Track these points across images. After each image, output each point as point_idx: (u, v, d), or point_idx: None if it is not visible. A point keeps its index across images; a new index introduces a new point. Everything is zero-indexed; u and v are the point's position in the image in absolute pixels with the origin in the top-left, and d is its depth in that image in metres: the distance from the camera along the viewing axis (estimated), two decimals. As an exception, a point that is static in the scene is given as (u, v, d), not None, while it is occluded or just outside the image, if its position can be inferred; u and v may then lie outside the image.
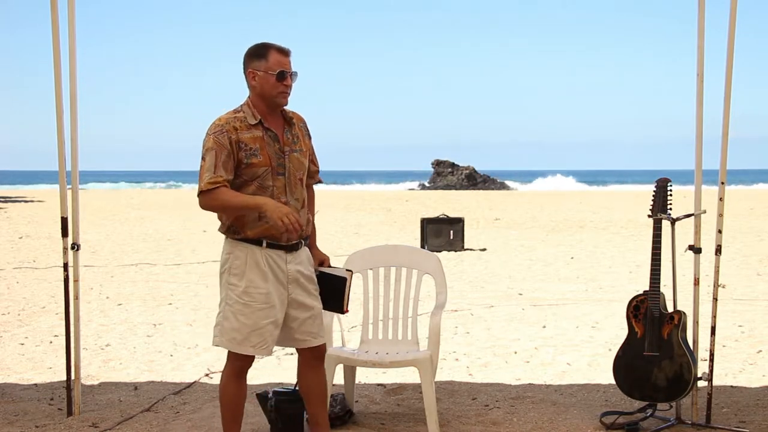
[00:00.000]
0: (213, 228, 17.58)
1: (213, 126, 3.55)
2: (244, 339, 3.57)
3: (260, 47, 3.61)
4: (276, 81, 3.56)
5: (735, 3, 4.18)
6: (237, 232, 3.58)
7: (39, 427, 4.42)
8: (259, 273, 3.56)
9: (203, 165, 3.50)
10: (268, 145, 3.57)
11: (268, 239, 3.57)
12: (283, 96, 3.61)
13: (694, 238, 4.40)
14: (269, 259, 3.58)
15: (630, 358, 4.37)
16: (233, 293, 3.57)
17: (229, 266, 3.60)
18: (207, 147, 3.51)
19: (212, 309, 8.44)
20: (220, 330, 3.62)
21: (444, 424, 4.41)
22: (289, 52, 3.63)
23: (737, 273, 10.79)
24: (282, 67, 3.57)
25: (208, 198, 3.49)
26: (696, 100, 4.32)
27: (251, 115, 3.58)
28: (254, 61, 3.60)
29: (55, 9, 4.39)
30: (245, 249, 3.57)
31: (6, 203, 29.79)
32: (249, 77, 3.61)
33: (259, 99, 3.61)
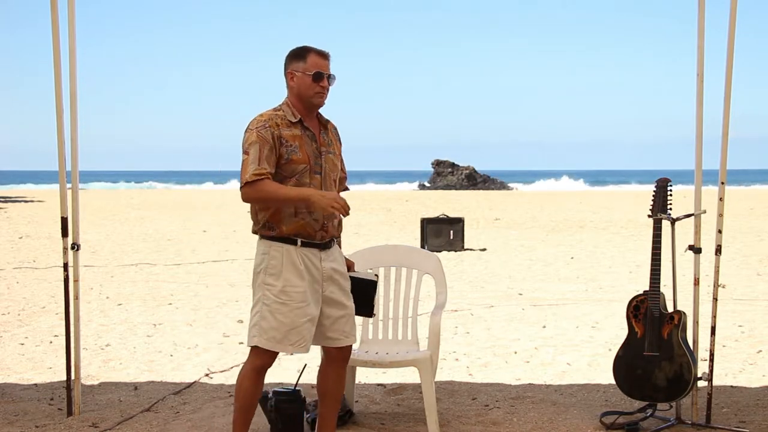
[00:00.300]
0: (213, 228, 17.47)
1: (255, 121, 3.61)
2: (283, 338, 3.60)
3: (300, 49, 3.71)
4: (312, 82, 3.65)
5: (735, 3, 4.18)
6: (272, 228, 3.61)
7: (39, 427, 4.42)
8: (295, 272, 3.60)
9: (246, 158, 3.55)
10: (306, 143, 3.65)
11: (303, 237, 3.62)
12: (319, 96, 3.69)
13: (694, 238, 4.40)
14: (305, 257, 3.62)
15: (630, 358, 4.37)
16: (270, 293, 3.60)
17: (265, 266, 3.62)
18: (250, 141, 3.56)
19: (212, 309, 8.46)
20: (258, 330, 3.62)
21: (444, 424, 4.41)
22: (328, 56, 3.72)
23: (737, 273, 10.79)
24: (319, 68, 3.66)
25: (252, 189, 3.52)
26: (696, 100, 4.32)
27: (291, 114, 3.66)
28: (294, 62, 3.70)
29: (55, 9, 4.39)
30: (281, 248, 3.61)
31: (6, 203, 29.80)
32: (288, 77, 3.71)
33: (297, 99, 3.70)
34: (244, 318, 7.94)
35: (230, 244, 15.31)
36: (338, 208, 3.49)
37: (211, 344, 6.78)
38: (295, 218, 3.60)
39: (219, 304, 8.82)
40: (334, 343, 3.77)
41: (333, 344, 3.77)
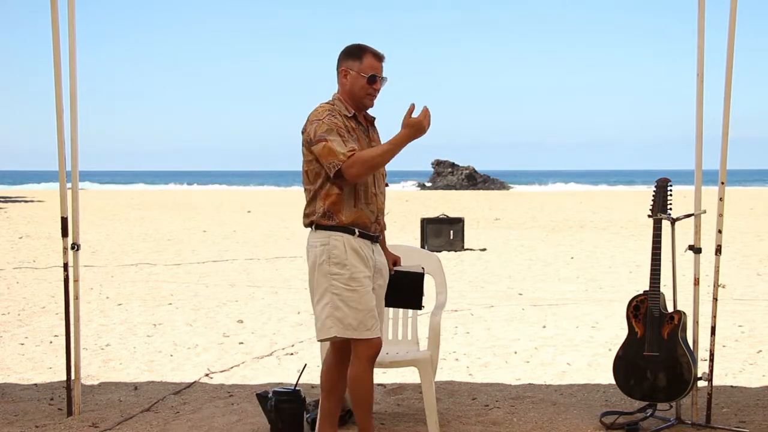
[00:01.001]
0: (213, 228, 17.46)
1: (319, 112, 3.65)
2: (360, 323, 3.62)
3: (357, 48, 3.73)
4: (366, 83, 3.69)
5: (735, 3, 4.18)
6: (332, 217, 3.64)
7: (39, 427, 4.42)
8: (359, 258, 3.64)
9: (327, 144, 3.56)
10: (361, 137, 3.71)
11: (360, 228, 3.66)
12: (370, 98, 3.74)
13: (694, 238, 4.39)
14: (362, 247, 3.66)
15: (630, 358, 4.37)
16: (338, 282, 3.62)
17: (327, 257, 3.63)
18: (325, 129, 3.59)
19: (212, 309, 8.46)
20: (333, 320, 3.63)
21: (444, 424, 4.41)
22: (383, 58, 3.75)
23: (737, 273, 10.79)
24: (374, 71, 3.70)
25: (351, 165, 3.53)
26: (696, 100, 4.32)
27: (345, 108, 3.71)
28: (349, 60, 3.72)
29: (55, 9, 4.39)
30: (341, 237, 3.63)
31: (6, 203, 29.80)
32: (341, 74, 3.74)
33: (348, 97, 3.74)
34: (244, 318, 7.94)
35: (230, 244, 15.31)
36: (428, 117, 3.55)
37: (211, 344, 6.78)
38: (354, 208, 3.64)
39: (219, 304, 8.82)
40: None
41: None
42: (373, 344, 3.69)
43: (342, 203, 3.63)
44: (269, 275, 11.14)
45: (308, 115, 3.71)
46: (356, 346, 3.69)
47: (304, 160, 3.71)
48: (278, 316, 8.04)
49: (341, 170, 3.55)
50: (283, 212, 24.97)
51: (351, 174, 3.56)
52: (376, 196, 3.74)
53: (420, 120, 3.53)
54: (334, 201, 3.63)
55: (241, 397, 5.01)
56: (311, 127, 3.63)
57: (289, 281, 10.56)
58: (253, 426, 4.42)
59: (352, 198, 3.65)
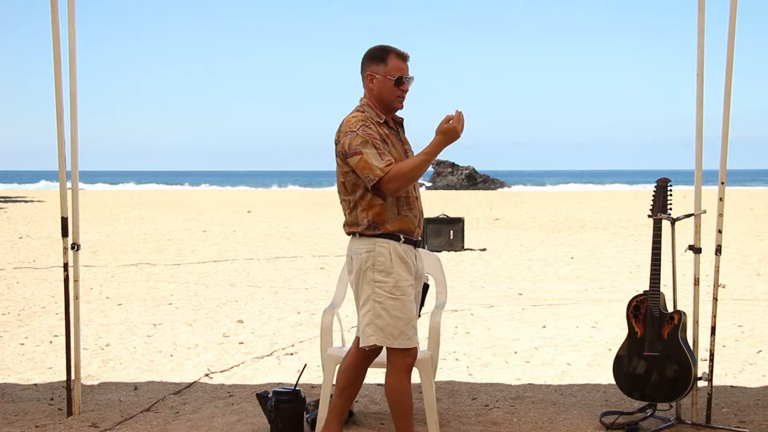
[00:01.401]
0: (213, 228, 17.45)
1: (351, 123, 3.57)
2: (401, 333, 3.59)
3: (380, 51, 3.65)
4: (394, 86, 3.61)
5: (735, 3, 4.18)
6: (377, 228, 3.59)
7: (39, 427, 4.42)
8: (404, 266, 3.60)
9: (362, 158, 3.50)
10: (395, 142, 3.66)
11: (405, 234, 3.62)
12: (399, 101, 3.66)
13: (694, 238, 4.39)
14: (407, 253, 3.63)
15: (630, 358, 4.37)
16: (382, 290, 3.58)
17: (372, 263, 3.59)
18: (360, 141, 3.52)
19: (212, 309, 8.46)
20: (373, 328, 3.60)
21: (444, 424, 4.41)
22: (408, 57, 3.67)
23: (737, 273, 10.79)
24: (400, 72, 3.62)
25: (390, 180, 3.49)
26: (696, 100, 4.32)
27: (376, 115, 3.64)
28: (373, 64, 3.64)
29: (55, 9, 4.39)
30: (387, 244, 3.59)
31: (6, 203, 29.79)
32: (367, 79, 3.66)
33: (377, 101, 3.66)
34: (244, 318, 7.95)
35: (230, 244, 15.31)
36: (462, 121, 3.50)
37: (211, 344, 6.78)
38: (399, 216, 3.60)
39: (219, 304, 8.82)
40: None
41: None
42: (412, 354, 3.66)
43: (386, 213, 3.58)
44: (269, 275, 11.14)
45: (340, 125, 3.63)
46: (393, 355, 3.65)
47: (339, 171, 3.64)
48: (278, 316, 8.04)
49: (379, 185, 3.50)
50: (283, 212, 24.97)
51: (390, 188, 3.51)
52: (417, 200, 3.69)
53: (454, 126, 3.48)
54: (378, 212, 3.58)
55: (241, 397, 5.01)
56: (345, 139, 3.55)
57: (289, 281, 10.56)
58: (253, 426, 4.42)
59: (395, 206, 3.59)
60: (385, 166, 3.48)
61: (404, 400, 3.68)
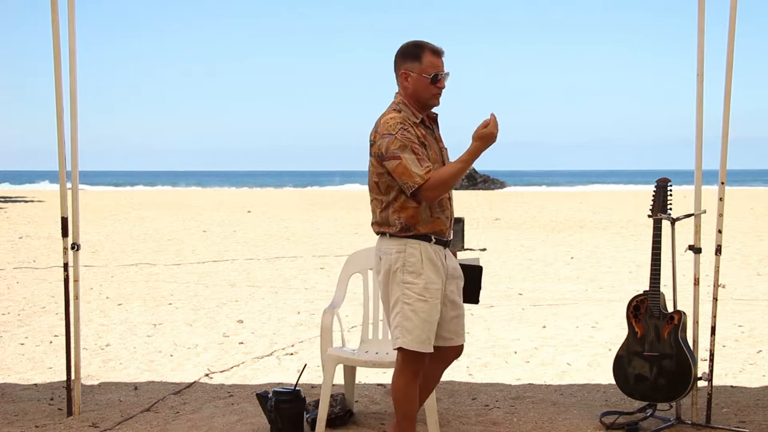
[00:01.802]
0: (213, 228, 17.38)
1: (389, 125, 3.49)
2: (427, 337, 3.54)
3: (414, 47, 3.56)
4: (430, 84, 3.54)
5: (735, 3, 4.18)
6: (409, 230, 3.54)
7: (39, 427, 4.42)
8: (433, 268, 3.55)
9: (401, 164, 3.44)
10: (432, 141, 3.60)
11: (436, 235, 3.57)
12: (435, 98, 3.59)
13: (694, 238, 4.39)
14: (438, 254, 3.57)
15: (630, 358, 4.37)
16: (412, 291, 3.52)
17: (402, 264, 3.53)
18: (399, 145, 3.45)
19: (212, 309, 8.46)
20: (401, 331, 3.53)
21: (444, 424, 4.41)
22: (443, 53, 3.59)
23: (737, 273, 10.79)
24: (436, 69, 3.54)
25: (429, 188, 3.45)
26: (696, 100, 4.32)
27: (412, 114, 3.57)
28: (407, 61, 3.56)
29: (55, 9, 4.39)
30: (417, 245, 3.53)
31: (6, 203, 29.79)
32: (401, 78, 3.58)
33: (412, 99, 3.59)
34: (244, 318, 7.95)
35: (230, 244, 15.31)
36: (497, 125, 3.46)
37: (211, 344, 6.79)
38: (432, 218, 3.55)
39: (219, 304, 8.82)
40: (447, 343, 3.69)
41: (446, 344, 3.69)
42: (425, 359, 3.62)
43: (419, 215, 3.52)
44: (269, 275, 11.14)
45: (376, 124, 3.56)
46: (407, 357, 3.58)
47: (374, 171, 3.57)
48: (278, 316, 8.04)
49: (418, 192, 3.46)
50: (283, 212, 24.97)
51: (428, 197, 3.47)
52: (449, 201, 3.65)
53: (491, 131, 3.44)
54: (411, 214, 3.52)
55: (241, 397, 5.01)
56: (383, 141, 3.48)
57: (289, 281, 10.56)
58: (253, 426, 4.42)
59: (429, 209, 3.54)
60: (424, 173, 3.43)
61: (410, 403, 3.66)
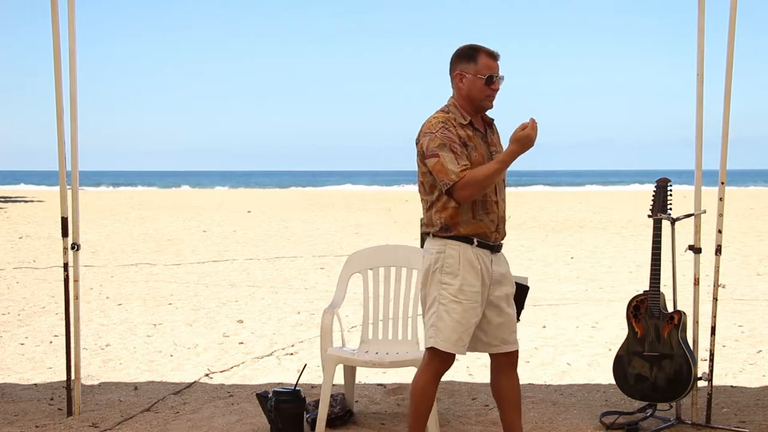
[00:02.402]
0: (213, 228, 17.31)
1: (432, 125, 3.54)
2: (458, 339, 3.53)
3: (470, 49, 3.60)
4: (484, 85, 3.56)
5: (735, 3, 4.18)
6: (449, 230, 3.56)
7: (39, 427, 4.42)
8: (472, 271, 3.54)
9: (439, 161, 3.47)
10: (479, 144, 3.59)
11: (479, 238, 3.56)
12: (489, 100, 3.60)
13: (694, 238, 4.40)
14: (480, 257, 3.56)
15: (630, 358, 4.37)
16: (447, 292, 3.53)
17: (441, 264, 3.56)
18: (438, 143, 3.48)
19: (212, 309, 8.47)
20: (435, 331, 3.55)
21: (444, 424, 4.41)
22: (498, 56, 3.62)
23: (737, 273, 10.79)
24: (491, 71, 3.57)
25: (463, 187, 3.45)
26: (696, 100, 4.32)
27: (461, 116, 3.59)
28: (463, 63, 3.59)
29: (55, 9, 4.39)
30: (457, 247, 3.54)
31: (6, 203, 29.79)
32: (456, 79, 3.61)
33: (465, 101, 3.61)
34: (244, 318, 7.95)
35: (230, 244, 15.31)
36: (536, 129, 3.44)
37: (211, 344, 6.79)
38: (474, 220, 3.54)
39: (219, 304, 8.83)
40: (491, 350, 3.68)
41: (490, 350, 3.69)
42: (450, 361, 3.61)
43: (460, 216, 3.53)
44: (269, 275, 11.14)
45: (422, 125, 3.60)
46: (433, 358, 3.59)
47: (419, 171, 3.62)
48: (278, 316, 8.04)
49: (452, 190, 3.48)
50: (283, 212, 24.98)
51: (462, 196, 3.47)
52: (497, 204, 3.61)
53: (529, 133, 3.43)
54: (451, 214, 3.54)
55: (241, 397, 5.01)
56: (425, 140, 3.53)
57: (289, 281, 10.56)
58: (253, 426, 4.42)
59: (471, 210, 3.54)
60: (460, 171, 3.45)
61: (424, 402, 3.64)
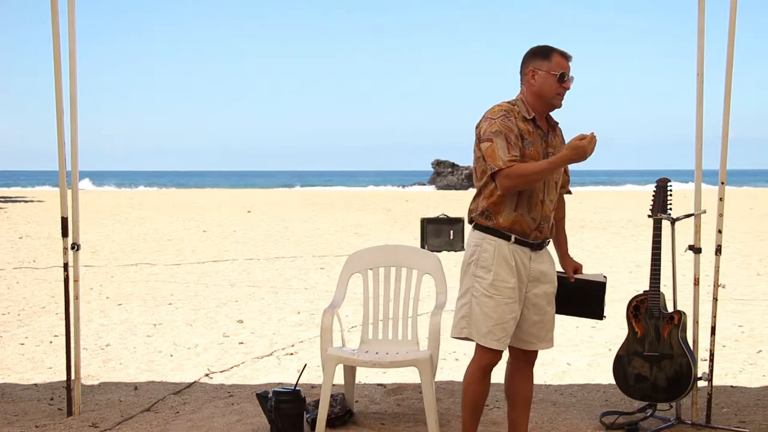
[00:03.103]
0: (213, 228, 17.33)
1: (495, 111, 3.59)
2: (488, 332, 3.58)
3: (545, 48, 3.66)
4: (556, 82, 3.60)
5: (735, 3, 4.18)
6: (489, 218, 3.60)
7: (39, 427, 4.42)
8: (506, 267, 3.58)
9: (492, 145, 3.51)
10: (537, 141, 3.62)
11: (517, 234, 3.59)
12: (559, 98, 3.65)
13: (694, 238, 4.40)
14: (516, 254, 3.60)
15: (630, 358, 4.37)
16: (480, 285, 3.61)
17: (476, 258, 3.63)
18: (494, 129, 3.53)
19: (212, 309, 8.46)
20: (467, 321, 3.63)
21: (444, 424, 4.41)
22: (571, 58, 3.68)
23: (737, 273, 10.78)
24: (563, 69, 3.62)
25: (508, 176, 3.47)
26: (696, 100, 4.32)
27: (525, 110, 3.63)
28: (537, 59, 3.64)
29: (55, 9, 4.39)
30: (494, 242, 3.59)
31: (6, 203, 29.79)
32: (528, 75, 3.65)
33: (535, 98, 3.64)
34: (244, 318, 7.95)
35: (230, 244, 15.31)
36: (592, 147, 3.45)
37: (211, 344, 6.79)
38: (514, 213, 3.57)
39: (219, 304, 8.82)
40: (527, 346, 3.75)
41: (526, 347, 3.75)
42: (491, 356, 3.66)
43: (502, 205, 3.57)
44: (269, 275, 11.14)
45: (485, 112, 3.65)
46: (477, 350, 3.68)
47: (474, 156, 3.66)
48: (278, 316, 8.04)
49: (496, 176, 3.51)
50: (283, 212, 24.98)
51: (503, 185, 3.51)
52: (543, 204, 3.64)
53: (584, 145, 3.44)
54: (495, 201, 3.57)
55: (241, 397, 5.01)
56: (484, 125, 3.58)
57: (289, 281, 10.56)
58: (253, 426, 4.43)
59: (514, 201, 3.57)
60: (508, 160, 3.48)
61: (472, 394, 3.74)
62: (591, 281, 3.91)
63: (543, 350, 3.86)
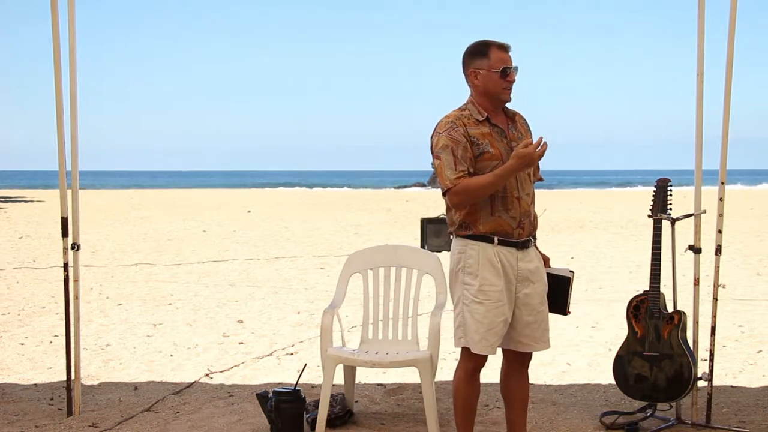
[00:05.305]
0: (213, 228, 17.38)
1: (442, 124, 3.55)
2: (482, 338, 3.54)
3: (480, 45, 3.60)
4: (499, 78, 3.55)
5: (735, 3, 4.18)
6: (469, 227, 3.56)
7: (39, 427, 4.42)
8: (492, 270, 3.53)
9: (440, 163, 3.49)
10: (496, 140, 3.57)
11: (499, 236, 3.54)
12: (506, 92, 3.59)
13: (694, 238, 4.40)
14: (501, 256, 3.55)
15: (630, 358, 4.37)
16: (468, 292, 3.55)
17: (462, 265, 3.57)
18: (441, 145, 3.50)
19: (212, 309, 8.47)
20: (463, 330, 3.58)
21: (444, 424, 4.41)
22: (509, 48, 3.61)
23: (737, 273, 10.78)
24: (504, 63, 3.56)
25: (456, 194, 3.47)
26: (696, 100, 4.32)
27: (477, 112, 3.58)
28: (476, 59, 3.58)
29: (55, 9, 4.39)
30: (477, 247, 3.54)
31: (6, 203, 29.80)
32: (471, 77, 3.60)
33: (483, 98, 3.60)
34: (244, 318, 7.95)
35: (230, 244, 15.31)
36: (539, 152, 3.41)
37: (211, 344, 6.79)
38: (492, 217, 3.53)
39: (219, 304, 8.83)
40: (522, 348, 3.69)
41: (522, 349, 3.69)
42: (477, 360, 3.63)
43: (477, 213, 3.53)
44: (269, 275, 11.14)
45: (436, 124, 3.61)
46: (463, 354, 3.66)
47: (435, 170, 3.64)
48: (278, 316, 8.04)
49: (446, 194, 3.50)
50: (283, 212, 24.98)
51: (452, 202, 3.50)
52: (519, 200, 3.57)
53: (530, 152, 3.40)
54: (469, 212, 3.54)
55: (241, 397, 5.01)
56: (434, 139, 3.55)
57: (289, 281, 10.56)
58: (253, 426, 4.43)
59: (489, 206, 3.53)
60: (455, 178, 3.45)
61: (462, 398, 3.71)
62: (556, 275, 3.83)
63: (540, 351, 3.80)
